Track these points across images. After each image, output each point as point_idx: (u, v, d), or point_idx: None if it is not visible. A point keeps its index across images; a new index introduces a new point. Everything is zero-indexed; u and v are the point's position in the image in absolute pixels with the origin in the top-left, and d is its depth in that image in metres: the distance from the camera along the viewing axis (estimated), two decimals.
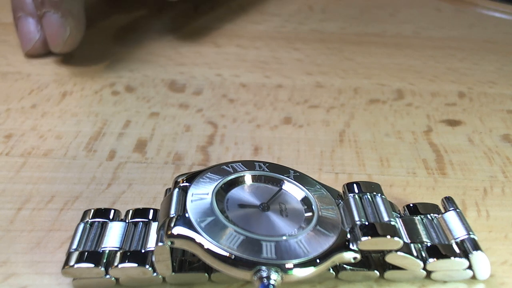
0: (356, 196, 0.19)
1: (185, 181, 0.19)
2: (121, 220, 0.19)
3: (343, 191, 0.20)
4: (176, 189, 0.19)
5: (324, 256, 0.17)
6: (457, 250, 0.18)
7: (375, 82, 0.33)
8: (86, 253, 0.18)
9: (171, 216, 0.17)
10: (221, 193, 0.19)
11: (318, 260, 0.17)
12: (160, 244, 0.17)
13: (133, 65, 0.34)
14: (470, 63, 0.36)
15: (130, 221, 0.19)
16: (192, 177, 0.19)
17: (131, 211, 0.20)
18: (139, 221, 0.19)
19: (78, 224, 0.19)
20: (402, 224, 0.19)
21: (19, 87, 0.31)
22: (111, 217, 0.19)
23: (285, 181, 0.20)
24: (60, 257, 0.19)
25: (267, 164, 0.20)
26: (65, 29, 0.31)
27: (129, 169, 0.24)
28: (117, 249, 0.18)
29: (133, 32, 0.39)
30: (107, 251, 0.18)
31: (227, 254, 0.16)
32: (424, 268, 0.18)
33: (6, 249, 0.20)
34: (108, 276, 0.18)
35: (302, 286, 0.18)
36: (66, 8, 0.31)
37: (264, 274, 0.16)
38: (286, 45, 0.37)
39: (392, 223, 0.18)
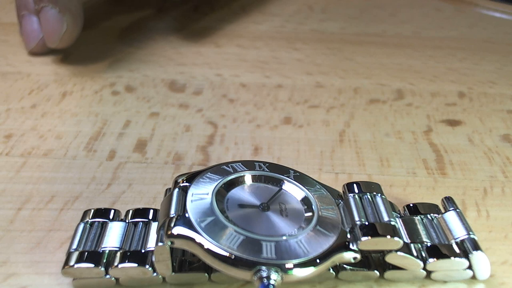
0: (356, 196, 0.19)
1: (185, 181, 0.19)
2: (121, 220, 0.19)
3: (343, 191, 0.20)
4: (176, 189, 0.19)
5: (324, 256, 0.17)
6: (457, 250, 0.18)
7: (375, 82, 0.33)
8: (86, 253, 0.18)
9: (171, 216, 0.17)
10: (221, 193, 0.19)
11: (318, 260, 0.17)
12: (160, 244, 0.17)
13: (133, 65, 0.34)
14: (470, 63, 0.36)
15: (130, 221, 0.19)
16: (192, 177, 0.19)
17: (131, 211, 0.20)
18: (139, 221, 0.19)
19: (78, 224, 0.19)
20: (402, 224, 0.19)
21: (19, 87, 0.31)
22: (111, 217, 0.19)
23: (285, 181, 0.20)
24: (60, 257, 0.19)
25: (267, 164, 0.20)
26: (62, 25, 0.31)
27: (129, 169, 0.24)
28: (117, 249, 0.18)
29: (134, 32, 0.39)
30: (107, 251, 0.18)
31: (227, 254, 0.16)
32: (424, 268, 0.18)
33: (6, 249, 0.20)
34: (108, 276, 0.18)
35: (302, 286, 0.18)
36: (64, 4, 0.31)
37: (264, 274, 0.16)
38: (286, 45, 0.37)
39: (392, 223, 0.18)
